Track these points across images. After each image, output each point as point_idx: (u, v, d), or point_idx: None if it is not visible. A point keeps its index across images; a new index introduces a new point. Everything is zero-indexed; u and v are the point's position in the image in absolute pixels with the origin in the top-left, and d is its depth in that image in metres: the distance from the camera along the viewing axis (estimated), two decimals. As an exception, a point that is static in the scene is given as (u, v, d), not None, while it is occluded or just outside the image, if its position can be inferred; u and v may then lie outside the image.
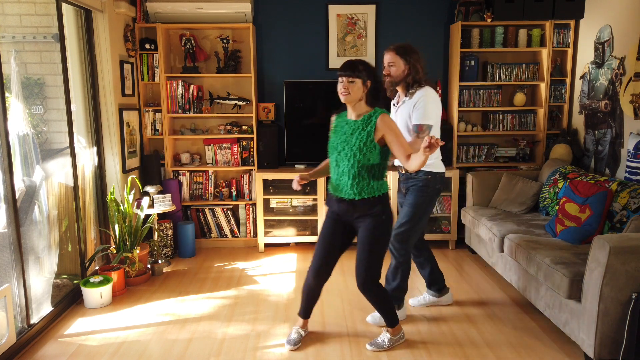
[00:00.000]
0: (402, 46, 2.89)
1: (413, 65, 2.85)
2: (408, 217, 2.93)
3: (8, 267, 2.80)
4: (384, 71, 2.93)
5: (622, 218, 3.00)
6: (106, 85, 3.80)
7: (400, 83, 2.91)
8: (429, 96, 2.83)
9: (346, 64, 2.50)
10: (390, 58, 2.89)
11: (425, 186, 2.93)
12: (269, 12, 4.61)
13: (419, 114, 2.80)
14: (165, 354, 2.76)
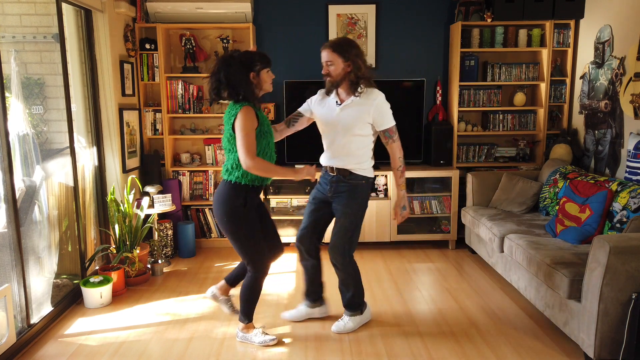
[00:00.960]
0: (338, 42, 2.72)
1: (354, 62, 2.65)
2: (351, 228, 2.80)
3: (8, 267, 2.80)
4: (322, 71, 2.75)
5: (622, 218, 3.00)
6: (106, 85, 3.80)
7: (342, 82, 2.72)
8: (383, 99, 2.75)
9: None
10: (327, 56, 2.70)
11: (360, 192, 2.81)
12: (269, 12, 4.61)
13: (387, 118, 2.74)
14: (165, 354, 2.76)
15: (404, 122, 4.53)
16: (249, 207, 2.62)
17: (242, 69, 2.52)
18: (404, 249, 4.50)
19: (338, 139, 2.78)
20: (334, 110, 2.77)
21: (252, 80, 2.55)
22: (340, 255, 2.82)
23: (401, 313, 3.21)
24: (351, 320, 2.97)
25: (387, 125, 2.75)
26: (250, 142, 2.48)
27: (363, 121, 2.71)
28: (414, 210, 4.49)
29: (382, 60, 4.69)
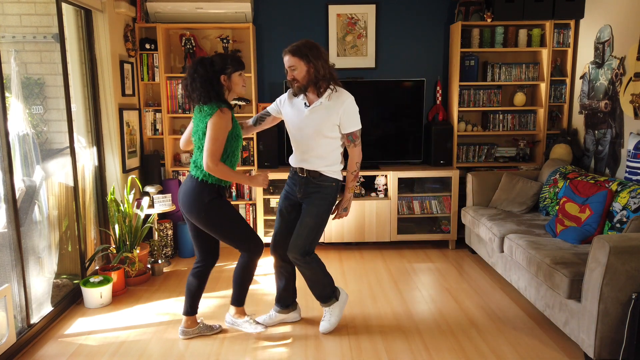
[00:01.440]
0: (297, 46, 2.67)
1: (314, 63, 2.62)
2: (314, 229, 2.78)
3: (8, 267, 2.80)
4: (287, 77, 2.69)
5: (622, 218, 3.00)
6: (106, 85, 3.80)
7: (309, 85, 2.66)
8: (352, 101, 2.69)
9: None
10: (289, 61, 2.66)
11: (330, 194, 2.80)
12: (269, 12, 4.61)
13: (352, 121, 2.69)
14: (165, 353, 2.76)
15: (404, 122, 4.54)
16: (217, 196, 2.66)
17: (211, 71, 2.55)
18: (404, 249, 4.50)
19: (306, 141, 2.75)
20: (302, 112, 2.73)
21: (222, 83, 2.59)
22: (300, 254, 2.77)
23: (401, 313, 3.21)
24: (332, 313, 2.96)
25: (352, 128, 2.70)
26: (218, 146, 2.52)
27: (331, 123, 2.67)
28: (414, 210, 4.49)
29: (382, 60, 4.69)
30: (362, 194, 4.48)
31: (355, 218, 4.40)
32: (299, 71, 2.64)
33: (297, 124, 2.76)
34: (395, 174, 4.37)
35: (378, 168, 4.48)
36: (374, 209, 4.39)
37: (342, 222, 4.41)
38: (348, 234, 4.43)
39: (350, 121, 2.69)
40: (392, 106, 4.53)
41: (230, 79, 2.60)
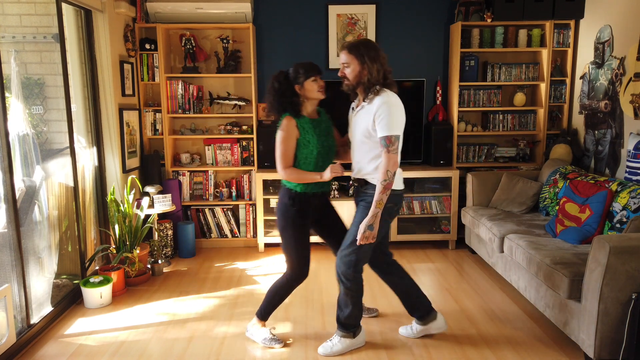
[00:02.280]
0: (355, 44, 2.56)
1: (369, 66, 2.50)
2: (354, 237, 2.58)
3: (8, 267, 2.80)
4: (338, 73, 2.62)
5: (622, 218, 3.00)
6: (106, 85, 3.80)
7: (358, 86, 2.56)
8: (391, 103, 2.46)
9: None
10: (343, 57, 2.56)
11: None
12: (269, 12, 4.61)
13: (383, 125, 2.45)
14: (165, 354, 2.76)
15: (404, 122, 4.53)
16: (298, 209, 2.67)
17: (285, 84, 2.62)
18: (404, 249, 4.50)
19: (354, 145, 2.66)
20: (351, 117, 2.69)
21: (298, 93, 2.63)
22: (343, 265, 2.61)
23: (401, 313, 3.21)
24: (340, 343, 2.74)
25: (383, 132, 2.45)
26: (282, 152, 2.61)
27: (367, 127, 2.52)
28: (414, 211, 4.49)
29: (382, 60, 4.68)
30: (362, 194, 4.47)
31: (355, 218, 4.39)
32: (351, 70, 2.54)
33: (350, 131, 2.71)
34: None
35: (378, 168, 4.48)
36: (374, 209, 4.38)
37: (342, 222, 4.40)
38: (348, 234, 4.43)
39: (382, 124, 2.45)
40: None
41: (304, 87, 2.61)
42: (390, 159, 2.46)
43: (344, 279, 2.63)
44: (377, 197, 2.48)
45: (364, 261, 2.65)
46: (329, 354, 2.73)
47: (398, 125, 2.48)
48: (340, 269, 2.63)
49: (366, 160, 2.59)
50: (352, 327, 2.76)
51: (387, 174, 2.46)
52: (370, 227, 2.50)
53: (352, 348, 2.77)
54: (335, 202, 4.38)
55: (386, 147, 2.46)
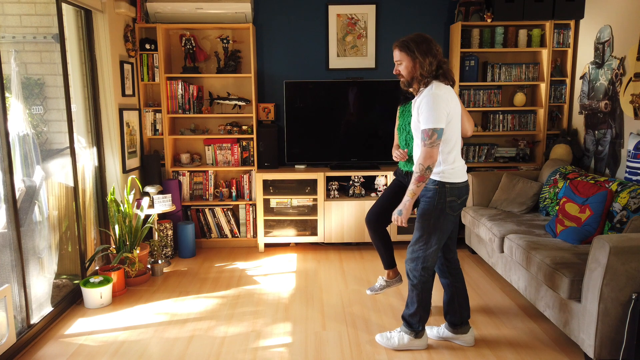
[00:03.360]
0: (405, 40, 2.52)
1: (420, 61, 2.47)
2: (419, 232, 2.61)
3: (8, 267, 2.80)
4: (393, 71, 2.65)
5: (622, 218, 3.00)
6: (106, 86, 3.80)
7: (413, 82, 2.55)
8: (435, 95, 2.42)
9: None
10: (396, 55, 2.57)
11: (432, 198, 2.54)
12: (269, 12, 4.61)
13: (423, 118, 2.45)
14: (166, 354, 2.76)
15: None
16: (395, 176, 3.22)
17: None
18: (404, 249, 4.49)
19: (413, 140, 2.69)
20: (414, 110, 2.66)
21: None
22: (412, 262, 2.63)
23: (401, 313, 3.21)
24: (398, 338, 2.74)
25: (423, 125, 2.45)
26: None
27: (415, 121, 2.54)
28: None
29: (382, 60, 4.69)
30: (362, 194, 4.48)
31: (355, 218, 4.40)
32: (404, 66, 2.53)
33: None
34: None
35: (378, 168, 4.49)
36: (374, 209, 4.38)
37: (342, 223, 4.42)
38: (348, 234, 4.43)
39: (422, 117, 2.45)
40: (392, 106, 4.51)
41: None
42: (425, 153, 2.42)
43: (410, 275, 2.67)
44: (410, 187, 2.48)
45: (431, 260, 2.62)
46: (385, 344, 2.78)
47: (438, 119, 2.41)
48: (407, 265, 2.67)
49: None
50: (416, 326, 2.73)
51: (420, 167, 2.44)
52: (400, 211, 2.52)
53: (411, 348, 2.75)
54: (335, 202, 4.39)
55: (423, 141, 2.44)
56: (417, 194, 2.48)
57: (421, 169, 2.44)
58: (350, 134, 4.55)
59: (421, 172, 2.44)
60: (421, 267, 2.61)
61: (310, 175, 4.39)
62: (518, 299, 3.40)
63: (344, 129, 4.54)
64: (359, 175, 4.44)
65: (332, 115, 4.51)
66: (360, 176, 4.46)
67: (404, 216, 2.52)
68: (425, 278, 2.64)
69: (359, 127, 4.57)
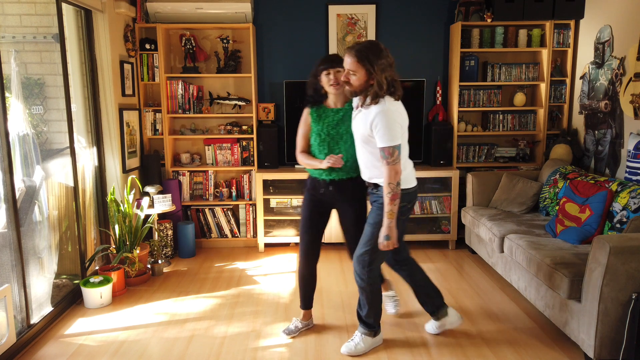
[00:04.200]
0: (364, 51, 2.38)
1: (377, 77, 2.37)
2: (367, 237, 2.57)
3: (8, 267, 2.80)
4: (342, 77, 2.48)
5: (622, 218, 3.00)
6: (106, 85, 3.80)
7: (361, 94, 2.47)
8: (387, 112, 2.39)
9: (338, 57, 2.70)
10: (351, 65, 2.40)
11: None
12: (269, 12, 4.61)
13: (380, 135, 2.39)
14: (166, 354, 2.76)
15: (404, 122, 4.54)
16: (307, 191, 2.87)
17: (312, 77, 2.76)
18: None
19: (358, 148, 2.62)
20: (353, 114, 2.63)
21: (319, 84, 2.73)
22: (360, 265, 2.60)
23: (401, 313, 3.21)
24: (363, 341, 2.73)
25: (380, 144, 2.41)
26: (297, 139, 2.86)
27: (365, 133, 2.47)
28: (414, 211, 4.49)
29: (382, 60, 4.68)
30: (362, 194, 4.47)
31: (355, 218, 4.39)
32: (357, 77, 2.41)
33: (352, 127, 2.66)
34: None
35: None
36: (374, 209, 4.38)
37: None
38: (348, 234, 4.43)
39: (379, 135, 2.40)
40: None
41: (320, 79, 2.69)
42: (390, 171, 2.42)
43: (358, 278, 2.65)
44: (387, 209, 2.44)
45: (379, 261, 2.64)
46: (353, 353, 2.71)
47: (396, 135, 2.42)
48: (355, 268, 2.64)
49: (371, 164, 2.57)
50: (373, 325, 2.75)
51: (390, 186, 2.42)
52: (387, 237, 2.47)
53: (373, 347, 2.77)
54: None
55: (385, 159, 2.42)
56: (395, 212, 2.45)
57: (392, 188, 2.42)
58: (350, 134, 4.54)
59: (394, 191, 2.43)
60: (368, 269, 2.60)
61: (310, 175, 4.39)
62: (518, 299, 3.41)
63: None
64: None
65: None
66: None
67: (394, 239, 2.48)
68: (373, 280, 2.64)
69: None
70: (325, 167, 2.65)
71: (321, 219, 2.87)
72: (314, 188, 2.82)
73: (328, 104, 2.77)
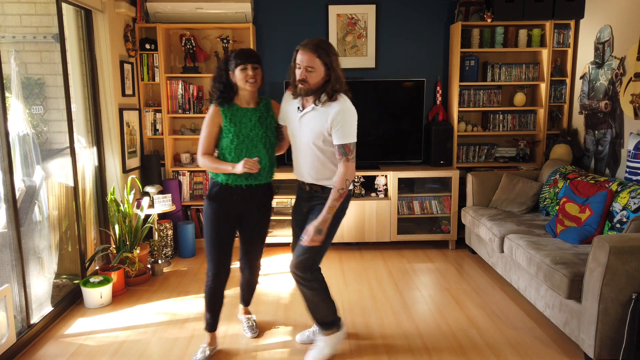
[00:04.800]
0: (321, 45, 2.33)
1: (335, 72, 2.33)
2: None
3: (8, 267, 2.80)
4: (299, 75, 2.35)
5: (622, 218, 3.00)
6: (106, 85, 3.80)
7: (317, 92, 2.37)
8: (350, 109, 2.38)
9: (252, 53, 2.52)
10: (309, 61, 2.31)
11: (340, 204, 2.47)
12: (269, 12, 4.61)
13: (342, 132, 2.35)
14: (166, 354, 2.76)
15: (404, 122, 4.54)
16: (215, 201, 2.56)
17: (222, 70, 2.53)
18: (404, 249, 4.50)
19: (302, 150, 2.48)
20: (295, 117, 2.47)
21: (231, 80, 2.52)
22: (302, 270, 2.51)
23: (401, 313, 3.21)
24: (328, 343, 2.65)
25: (342, 140, 2.36)
26: (202, 139, 2.54)
27: (322, 132, 2.38)
28: (414, 211, 4.49)
29: (382, 60, 4.69)
30: (362, 194, 4.48)
31: (355, 218, 4.40)
32: (315, 75, 2.33)
33: (292, 131, 2.52)
34: (395, 174, 4.37)
35: (378, 168, 4.49)
36: (374, 209, 4.39)
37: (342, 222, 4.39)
38: (348, 234, 4.43)
39: (340, 132, 2.35)
40: (392, 106, 4.53)
41: (235, 74, 2.49)
42: (349, 168, 2.39)
43: (305, 283, 2.55)
44: (330, 204, 2.41)
45: (320, 259, 2.58)
46: (321, 359, 2.63)
47: (354, 132, 2.41)
48: (298, 274, 2.53)
49: (320, 166, 2.47)
50: (333, 321, 2.68)
51: (346, 182, 2.40)
52: (320, 231, 2.42)
53: (339, 342, 2.71)
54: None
55: (345, 156, 2.39)
56: (335, 209, 2.42)
57: (347, 185, 2.41)
58: (350, 133, 4.54)
59: (346, 188, 2.41)
60: (312, 271, 2.54)
61: (310, 175, 4.39)
62: (518, 299, 3.40)
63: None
64: (359, 175, 4.44)
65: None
66: (360, 176, 4.46)
67: (324, 235, 2.43)
68: (319, 277, 2.59)
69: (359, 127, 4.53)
70: (241, 172, 2.44)
71: (232, 230, 2.65)
72: (222, 196, 2.56)
73: (240, 102, 2.55)
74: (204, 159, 2.53)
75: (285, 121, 2.57)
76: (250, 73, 2.46)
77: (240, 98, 2.56)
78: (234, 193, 2.56)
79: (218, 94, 2.54)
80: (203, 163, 2.54)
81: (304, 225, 2.55)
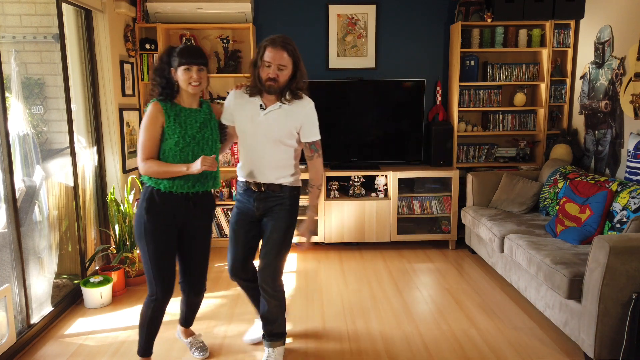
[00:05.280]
0: (288, 41, 2.30)
1: (301, 69, 2.34)
2: (279, 245, 2.49)
3: (8, 267, 2.80)
4: (269, 74, 2.29)
5: (622, 218, 3.00)
6: (106, 85, 3.80)
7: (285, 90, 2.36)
8: (314, 108, 2.44)
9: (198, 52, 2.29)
10: (282, 59, 2.27)
11: (292, 205, 2.48)
12: (269, 12, 4.61)
13: (314, 130, 2.43)
14: (166, 353, 2.76)
15: (404, 122, 4.54)
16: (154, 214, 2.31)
17: (164, 63, 2.28)
18: (404, 249, 4.50)
19: (261, 148, 2.41)
20: (256, 115, 2.38)
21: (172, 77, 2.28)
22: (272, 277, 2.50)
23: (401, 313, 3.21)
24: (279, 353, 2.63)
25: (315, 137, 2.44)
26: (143, 142, 2.30)
27: (290, 130, 2.39)
28: (414, 211, 4.49)
29: (382, 60, 4.69)
30: (362, 194, 4.48)
31: (355, 218, 4.40)
32: (286, 72, 2.31)
33: (250, 130, 2.41)
34: (395, 174, 4.37)
35: (378, 168, 4.49)
36: (374, 209, 4.39)
37: (342, 223, 4.41)
38: (348, 234, 4.43)
39: (313, 129, 2.43)
40: (392, 106, 4.53)
41: (177, 73, 2.26)
42: (322, 164, 2.49)
43: (272, 292, 2.52)
44: (314, 202, 2.51)
45: (284, 266, 2.61)
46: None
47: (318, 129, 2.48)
48: (266, 282, 2.50)
49: (283, 164, 2.45)
50: (282, 335, 2.67)
51: (322, 178, 2.45)
52: (312, 231, 2.51)
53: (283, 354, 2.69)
54: (335, 202, 4.38)
55: (317, 152, 2.46)
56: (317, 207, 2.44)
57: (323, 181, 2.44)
58: (350, 133, 4.55)
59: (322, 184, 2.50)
60: (279, 278, 2.55)
61: (310, 175, 4.39)
62: (518, 299, 3.40)
63: (344, 129, 4.54)
64: (359, 175, 4.44)
65: (332, 115, 4.51)
66: (361, 176, 4.46)
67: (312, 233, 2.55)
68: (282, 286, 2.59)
69: (359, 127, 4.57)
70: (198, 172, 2.23)
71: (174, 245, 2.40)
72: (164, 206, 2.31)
73: (182, 102, 2.33)
74: (149, 164, 2.29)
75: (236, 121, 2.46)
76: (194, 76, 2.25)
77: (183, 99, 2.33)
78: (177, 202, 2.32)
79: (159, 90, 2.28)
80: (148, 169, 2.29)
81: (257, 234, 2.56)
